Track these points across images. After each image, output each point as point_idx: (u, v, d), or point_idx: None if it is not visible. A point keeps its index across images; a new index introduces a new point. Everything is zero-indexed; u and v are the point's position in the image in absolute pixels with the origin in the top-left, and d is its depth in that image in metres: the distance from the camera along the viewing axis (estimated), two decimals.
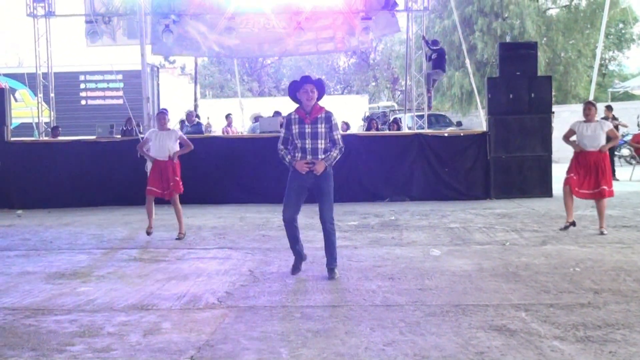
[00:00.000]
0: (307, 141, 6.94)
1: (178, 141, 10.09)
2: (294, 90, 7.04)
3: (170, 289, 6.70)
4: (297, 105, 7.08)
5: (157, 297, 6.36)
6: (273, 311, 5.79)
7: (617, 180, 17.29)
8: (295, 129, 6.96)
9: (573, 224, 9.67)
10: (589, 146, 9.49)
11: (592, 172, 9.49)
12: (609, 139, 9.59)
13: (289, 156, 7.04)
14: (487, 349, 4.68)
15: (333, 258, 7.13)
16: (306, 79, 7.03)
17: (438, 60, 18.38)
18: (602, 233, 9.43)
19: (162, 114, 10.21)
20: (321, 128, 6.94)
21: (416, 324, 5.30)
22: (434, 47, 18.43)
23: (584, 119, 9.65)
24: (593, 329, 5.07)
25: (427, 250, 8.43)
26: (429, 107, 19.60)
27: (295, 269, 7.28)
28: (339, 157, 7.11)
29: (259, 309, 5.89)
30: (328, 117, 6.98)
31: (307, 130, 6.93)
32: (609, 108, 18.31)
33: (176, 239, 9.85)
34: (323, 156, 6.98)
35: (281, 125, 7.19)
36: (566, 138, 9.90)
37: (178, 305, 6.06)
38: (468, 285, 6.57)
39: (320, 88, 7.03)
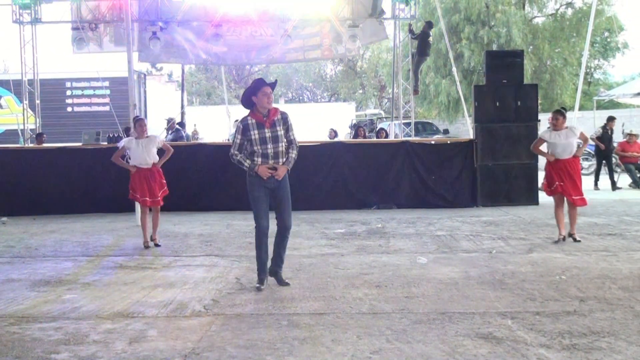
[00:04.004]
0: (268, 146, 6.75)
1: (158, 147, 9.98)
2: (251, 94, 6.78)
3: (156, 297, 6.67)
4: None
5: (143, 305, 6.33)
6: (259, 319, 5.77)
7: (620, 189, 17.29)
8: (254, 134, 6.76)
9: (564, 238, 9.52)
10: (564, 154, 9.46)
11: (570, 179, 9.43)
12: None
13: (247, 161, 6.84)
14: (474, 357, 4.69)
15: (282, 263, 7.08)
16: (263, 82, 6.84)
17: (422, 46, 18.39)
18: (577, 240, 9.44)
19: (142, 121, 10.05)
20: (280, 131, 6.79)
21: (403, 331, 5.30)
22: (420, 32, 18.45)
23: (551, 128, 9.61)
24: (579, 337, 5.08)
25: (414, 258, 8.43)
26: (417, 92, 19.59)
27: (262, 282, 6.94)
28: (296, 157, 6.96)
29: (245, 316, 5.87)
30: (285, 119, 6.84)
31: (268, 134, 6.76)
32: (610, 119, 18.23)
33: (157, 245, 9.82)
34: (284, 159, 6.84)
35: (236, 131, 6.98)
36: (536, 148, 9.90)
37: (164, 313, 6.04)
38: (454, 293, 6.58)
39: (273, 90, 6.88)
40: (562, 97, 33.08)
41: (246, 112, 6.97)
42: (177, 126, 19.42)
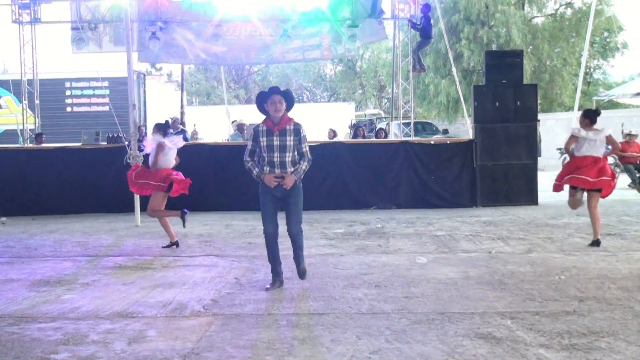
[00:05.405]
0: (275, 154, 6.76)
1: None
2: (262, 101, 6.87)
3: (155, 297, 6.67)
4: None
5: (142, 305, 6.33)
6: (259, 319, 5.77)
7: None
8: (263, 141, 6.78)
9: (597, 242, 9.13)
10: (592, 150, 8.95)
11: (594, 169, 8.87)
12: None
13: (256, 169, 6.87)
14: (473, 357, 4.69)
15: (302, 259, 7.14)
16: (274, 90, 6.88)
17: (425, 29, 18.25)
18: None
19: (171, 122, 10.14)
20: (290, 141, 6.77)
21: (402, 331, 5.30)
22: (419, 21, 18.35)
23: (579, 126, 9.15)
24: (578, 337, 5.09)
25: (413, 258, 8.44)
26: (423, 68, 19.43)
27: (273, 286, 6.99)
28: (307, 169, 6.96)
29: (245, 316, 5.87)
30: (297, 130, 6.81)
31: (275, 142, 6.75)
32: None
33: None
34: (292, 169, 6.82)
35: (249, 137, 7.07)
36: (568, 149, 9.19)
37: (163, 313, 6.04)
38: (454, 293, 6.58)
39: (289, 99, 6.88)
40: (562, 97, 33.08)
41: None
42: (181, 126, 19.39)
